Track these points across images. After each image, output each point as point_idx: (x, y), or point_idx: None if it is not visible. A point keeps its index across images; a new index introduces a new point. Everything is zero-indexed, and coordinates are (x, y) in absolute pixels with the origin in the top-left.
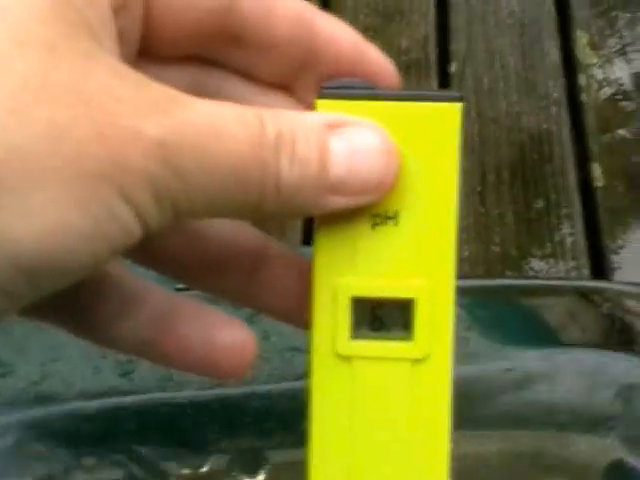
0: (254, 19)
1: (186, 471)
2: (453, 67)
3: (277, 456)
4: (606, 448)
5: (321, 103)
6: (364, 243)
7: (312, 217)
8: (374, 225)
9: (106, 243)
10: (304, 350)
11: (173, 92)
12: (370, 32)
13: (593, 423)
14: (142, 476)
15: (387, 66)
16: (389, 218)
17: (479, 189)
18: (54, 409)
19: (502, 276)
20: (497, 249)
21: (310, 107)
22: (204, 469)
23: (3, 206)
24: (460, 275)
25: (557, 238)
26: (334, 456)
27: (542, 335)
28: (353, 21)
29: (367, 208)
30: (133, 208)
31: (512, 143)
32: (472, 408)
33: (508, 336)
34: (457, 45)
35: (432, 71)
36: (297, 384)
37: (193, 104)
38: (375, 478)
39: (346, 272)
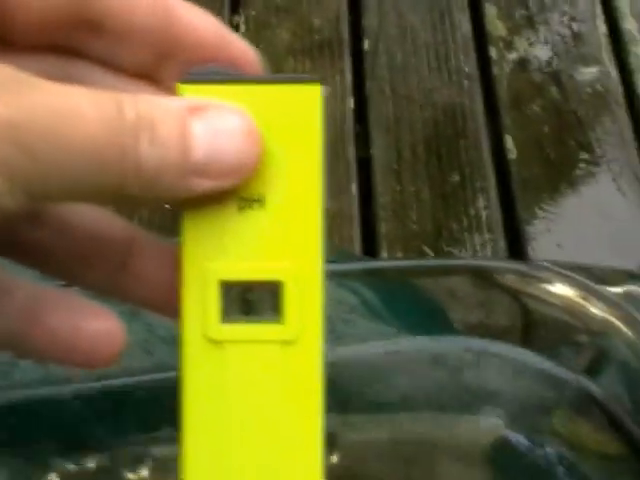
0: (112, 7)
1: (70, 467)
2: (366, 44)
3: (161, 450)
4: (489, 427)
5: (183, 87)
6: (231, 226)
7: (178, 202)
8: (240, 208)
9: None
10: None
11: (22, 75)
12: (282, 12)
13: (475, 403)
14: (26, 472)
15: (250, 53)
16: (255, 201)
17: (395, 167)
18: None
19: (419, 253)
20: (414, 226)
21: (174, 95)
22: (89, 465)
23: None
24: (349, 257)
25: (472, 212)
26: (208, 443)
27: (427, 317)
28: (265, 2)
29: (233, 191)
30: None
31: (426, 119)
32: (356, 392)
33: (395, 319)
34: (369, 21)
35: (345, 49)
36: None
37: (44, 86)
38: (250, 464)
39: (214, 256)
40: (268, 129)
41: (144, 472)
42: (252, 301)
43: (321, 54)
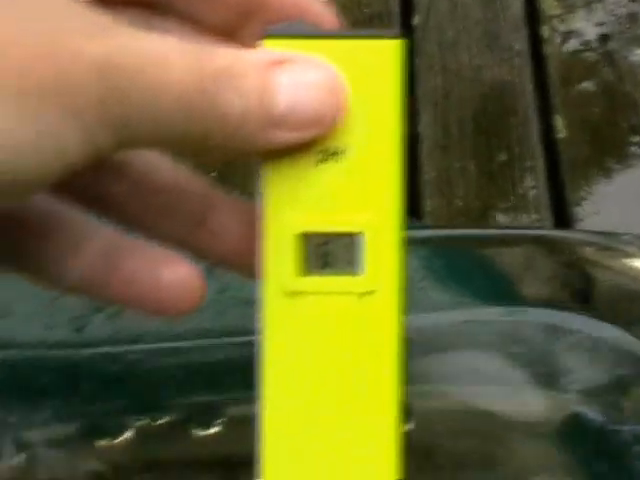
0: None
1: (142, 423)
2: (416, 19)
3: (232, 410)
4: (562, 402)
5: (267, 42)
6: (311, 179)
7: (257, 154)
8: (320, 161)
9: (51, 159)
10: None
11: (112, 20)
12: None
13: (550, 378)
14: (98, 429)
15: (329, 13)
16: (335, 154)
17: (442, 143)
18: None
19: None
20: (460, 203)
21: None
22: (160, 421)
23: None
24: (416, 225)
25: (520, 191)
26: (286, 394)
27: (500, 288)
28: None
29: (313, 144)
30: (79, 126)
31: (475, 96)
32: (429, 360)
33: (465, 288)
34: None
35: (395, 23)
36: (254, 337)
37: (137, 32)
38: (327, 416)
39: (294, 208)
40: (350, 82)
41: (214, 429)
42: (331, 253)
43: (370, 28)
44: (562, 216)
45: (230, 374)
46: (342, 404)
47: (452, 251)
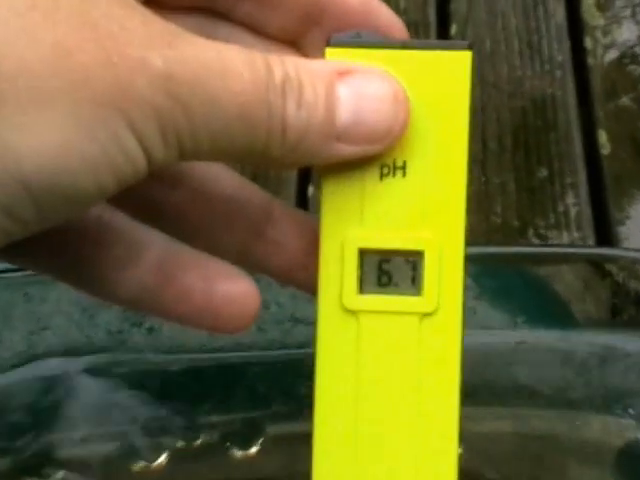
0: None
1: (180, 444)
2: (453, 29)
3: (273, 428)
4: (621, 428)
5: (330, 51)
6: (372, 194)
7: (318, 168)
8: (382, 176)
9: (110, 171)
10: (304, 321)
11: (180, 29)
12: None
13: (607, 402)
14: (139, 450)
15: (397, 23)
16: (397, 168)
17: (480, 157)
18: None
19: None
20: (498, 220)
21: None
22: (198, 441)
23: (9, 122)
24: (466, 241)
25: (561, 208)
26: (339, 411)
27: (553, 308)
28: None
29: (375, 158)
30: (138, 137)
31: (514, 109)
32: (480, 382)
33: (518, 308)
34: (457, 5)
35: (432, 32)
36: (296, 352)
37: (199, 41)
38: (381, 435)
39: (354, 224)
40: (415, 94)
41: (253, 449)
42: (389, 271)
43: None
44: (605, 234)
45: (271, 389)
46: (399, 427)
47: (503, 269)
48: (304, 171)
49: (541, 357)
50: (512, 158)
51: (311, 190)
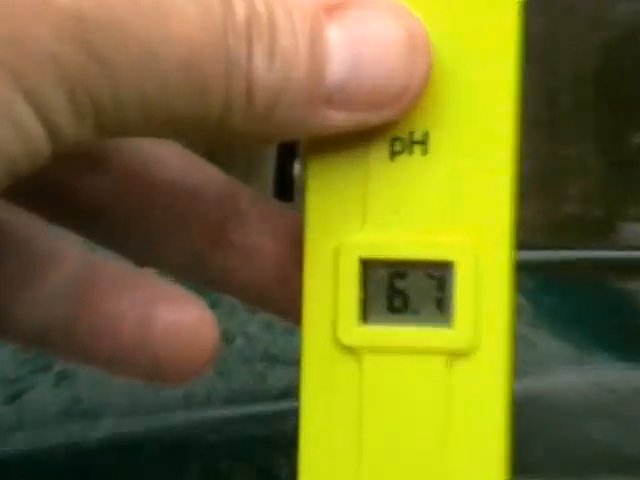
0: None
1: None
2: None
3: None
4: None
5: None
6: (379, 180)
7: (299, 145)
8: (393, 154)
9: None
10: (283, 361)
11: None
12: None
13: None
14: None
15: None
16: (416, 143)
17: (545, 118)
18: None
19: (581, 247)
20: (571, 208)
21: None
22: None
23: None
24: (517, 243)
25: None
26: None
27: (636, 335)
28: None
29: (382, 129)
30: (38, 108)
31: (596, 45)
32: (536, 443)
33: (589, 337)
34: None
35: None
36: (272, 409)
37: None
38: None
39: (353, 224)
40: (442, 40)
41: None
42: (405, 292)
43: None
44: None
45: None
46: None
47: (574, 283)
48: (287, 144)
49: (624, 401)
50: (593, 119)
51: (297, 169)
